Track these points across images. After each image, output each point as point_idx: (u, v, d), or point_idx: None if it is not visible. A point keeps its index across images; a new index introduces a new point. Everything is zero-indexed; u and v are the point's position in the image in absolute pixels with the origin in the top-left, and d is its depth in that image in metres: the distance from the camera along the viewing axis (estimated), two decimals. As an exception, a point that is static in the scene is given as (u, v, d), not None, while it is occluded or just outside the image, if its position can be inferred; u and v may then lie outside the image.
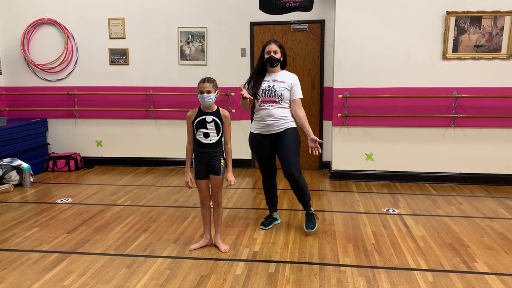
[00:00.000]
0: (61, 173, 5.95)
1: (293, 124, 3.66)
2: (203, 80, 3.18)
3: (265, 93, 3.59)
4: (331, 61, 5.63)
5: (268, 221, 3.88)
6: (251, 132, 3.76)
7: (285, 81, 3.61)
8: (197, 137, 3.23)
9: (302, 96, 3.69)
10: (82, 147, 6.35)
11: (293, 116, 3.69)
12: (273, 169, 3.83)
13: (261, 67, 3.67)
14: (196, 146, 3.26)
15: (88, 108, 6.22)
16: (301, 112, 3.66)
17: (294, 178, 3.62)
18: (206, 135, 3.20)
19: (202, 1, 5.83)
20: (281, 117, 3.60)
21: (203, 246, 3.41)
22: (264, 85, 3.62)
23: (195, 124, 3.21)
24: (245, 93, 3.52)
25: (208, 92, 3.14)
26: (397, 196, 4.78)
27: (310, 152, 3.70)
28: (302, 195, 3.73)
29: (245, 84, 3.72)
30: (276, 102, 3.59)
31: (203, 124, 3.19)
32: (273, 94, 3.58)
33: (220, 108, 3.27)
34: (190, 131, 3.26)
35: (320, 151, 3.69)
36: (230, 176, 3.30)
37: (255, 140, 3.73)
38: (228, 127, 3.26)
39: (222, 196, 3.40)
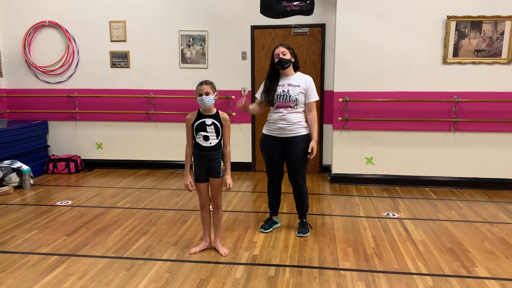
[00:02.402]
0: (61, 175, 5.95)
1: (305, 131, 3.63)
2: (201, 83, 3.19)
3: (280, 98, 3.57)
4: (331, 65, 5.63)
5: (268, 224, 3.87)
6: (262, 133, 3.75)
7: (299, 85, 3.58)
8: (196, 140, 3.23)
9: (317, 98, 3.66)
10: (82, 150, 6.35)
11: (307, 121, 3.67)
12: (280, 172, 3.81)
13: (272, 72, 3.64)
14: (195, 149, 3.26)
15: (88, 111, 6.22)
16: (312, 116, 3.62)
17: (298, 186, 3.72)
18: (206, 138, 3.19)
19: (203, 4, 5.84)
20: (294, 121, 3.58)
21: (203, 249, 3.41)
22: (279, 90, 3.59)
23: (194, 127, 3.21)
24: (243, 101, 3.53)
25: (207, 94, 3.15)
26: (397, 200, 4.78)
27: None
28: (301, 203, 3.80)
29: (261, 93, 3.70)
30: (291, 107, 3.57)
31: (202, 127, 3.19)
32: (288, 99, 3.55)
33: (219, 111, 3.27)
34: (189, 134, 3.26)
35: (311, 157, 3.63)
36: (229, 179, 3.29)
37: (266, 141, 3.71)
38: (227, 130, 3.26)
39: (222, 199, 3.39)
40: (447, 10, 4.99)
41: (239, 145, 5.99)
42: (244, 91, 5.93)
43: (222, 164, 3.27)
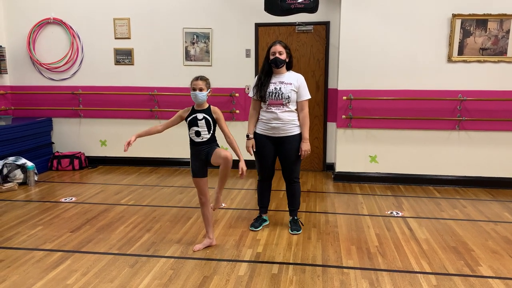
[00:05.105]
0: (65, 172, 5.97)
1: (298, 130, 3.67)
2: (196, 78, 3.25)
3: (272, 95, 3.59)
4: (335, 63, 5.62)
5: (258, 222, 3.89)
6: (255, 132, 3.76)
7: (291, 83, 3.60)
8: (190, 135, 3.26)
9: (309, 97, 3.68)
10: (87, 147, 6.37)
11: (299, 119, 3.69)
12: (271, 171, 3.83)
13: (267, 69, 3.66)
14: (190, 145, 3.30)
15: (92, 108, 6.24)
16: (303, 114, 3.65)
17: (292, 183, 3.77)
18: (198, 134, 3.22)
19: (207, 2, 5.83)
20: (288, 120, 3.61)
21: (206, 246, 3.42)
22: (271, 87, 3.60)
23: (188, 122, 3.25)
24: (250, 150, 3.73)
25: (200, 90, 3.18)
26: (401, 199, 4.77)
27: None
28: (293, 199, 3.83)
29: (253, 87, 3.72)
30: (283, 105, 3.59)
31: (194, 122, 3.23)
32: (280, 96, 3.57)
33: (211, 106, 3.29)
34: (171, 121, 3.37)
35: (303, 157, 3.70)
36: (242, 163, 3.23)
37: (259, 140, 3.73)
38: (222, 122, 3.27)
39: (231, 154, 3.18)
40: (452, 8, 4.96)
41: (243, 143, 5.97)
42: (247, 88, 5.92)
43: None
